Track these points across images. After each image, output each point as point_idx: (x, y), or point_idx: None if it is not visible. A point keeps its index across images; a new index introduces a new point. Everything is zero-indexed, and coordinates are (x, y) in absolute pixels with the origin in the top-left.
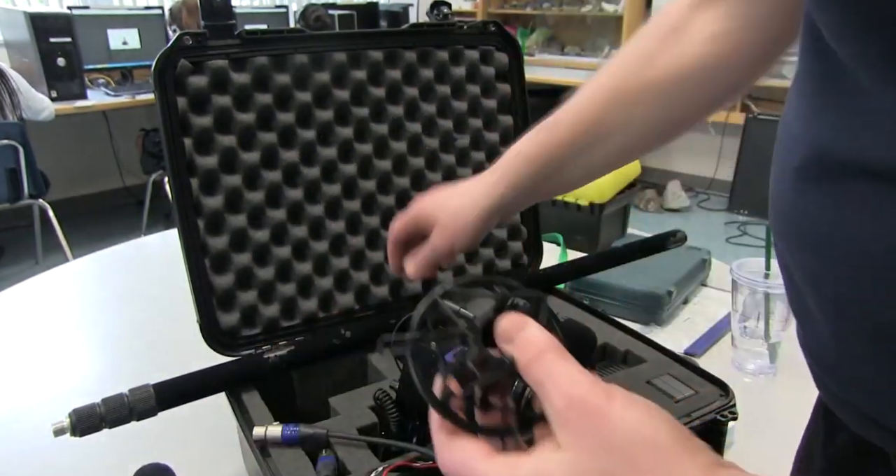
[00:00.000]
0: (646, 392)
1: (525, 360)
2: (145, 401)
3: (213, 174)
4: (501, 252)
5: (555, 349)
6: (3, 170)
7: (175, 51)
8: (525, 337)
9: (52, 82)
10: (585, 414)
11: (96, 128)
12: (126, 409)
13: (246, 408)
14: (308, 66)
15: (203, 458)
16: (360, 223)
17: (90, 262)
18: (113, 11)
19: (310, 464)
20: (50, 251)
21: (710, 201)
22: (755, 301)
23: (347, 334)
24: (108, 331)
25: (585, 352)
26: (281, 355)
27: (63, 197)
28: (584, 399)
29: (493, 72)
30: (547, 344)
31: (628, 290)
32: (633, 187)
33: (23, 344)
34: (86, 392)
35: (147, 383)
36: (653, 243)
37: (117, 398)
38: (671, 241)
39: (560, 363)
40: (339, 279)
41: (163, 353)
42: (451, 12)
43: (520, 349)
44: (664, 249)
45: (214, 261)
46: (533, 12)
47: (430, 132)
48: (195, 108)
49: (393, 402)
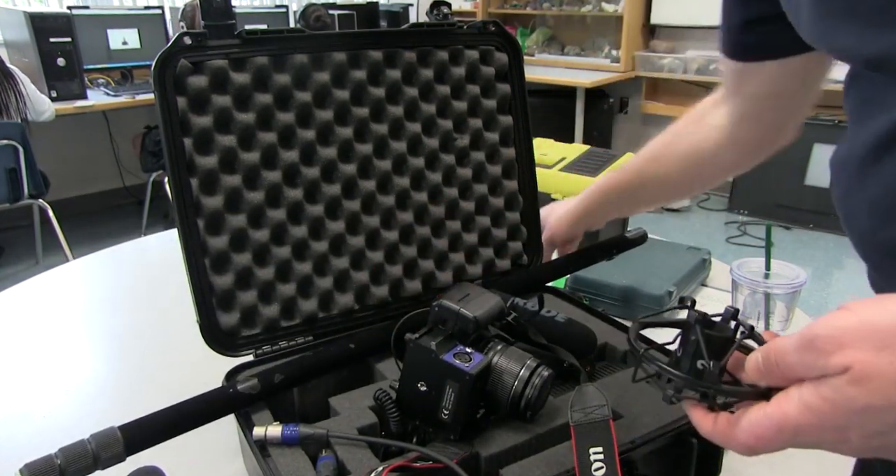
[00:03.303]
0: (646, 392)
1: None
2: (111, 446)
3: (212, 174)
4: (501, 252)
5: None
6: (3, 170)
7: (175, 51)
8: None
9: (52, 82)
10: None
11: (96, 128)
12: (89, 458)
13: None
14: (308, 66)
15: (203, 459)
16: (360, 223)
17: (90, 262)
18: (113, 11)
19: (310, 464)
20: (50, 251)
21: (710, 201)
22: (755, 301)
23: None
24: (108, 331)
25: (585, 352)
26: (253, 385)
27: (63, 197)
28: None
29: (493, 72)
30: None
31: (628, 290)
32: None
33: (23, 344)
34: (86, 392)
35: (112, 426)
36: (613, 243)
37: (78, 446)
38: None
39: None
40: (339, 279)
41: (163, 353)
42: (451, 12)
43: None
44: (625, 248)
45: (214, 261)
46: (533, 12)
47: (430, 132)
48: (195, 108)
49: (393, 402)
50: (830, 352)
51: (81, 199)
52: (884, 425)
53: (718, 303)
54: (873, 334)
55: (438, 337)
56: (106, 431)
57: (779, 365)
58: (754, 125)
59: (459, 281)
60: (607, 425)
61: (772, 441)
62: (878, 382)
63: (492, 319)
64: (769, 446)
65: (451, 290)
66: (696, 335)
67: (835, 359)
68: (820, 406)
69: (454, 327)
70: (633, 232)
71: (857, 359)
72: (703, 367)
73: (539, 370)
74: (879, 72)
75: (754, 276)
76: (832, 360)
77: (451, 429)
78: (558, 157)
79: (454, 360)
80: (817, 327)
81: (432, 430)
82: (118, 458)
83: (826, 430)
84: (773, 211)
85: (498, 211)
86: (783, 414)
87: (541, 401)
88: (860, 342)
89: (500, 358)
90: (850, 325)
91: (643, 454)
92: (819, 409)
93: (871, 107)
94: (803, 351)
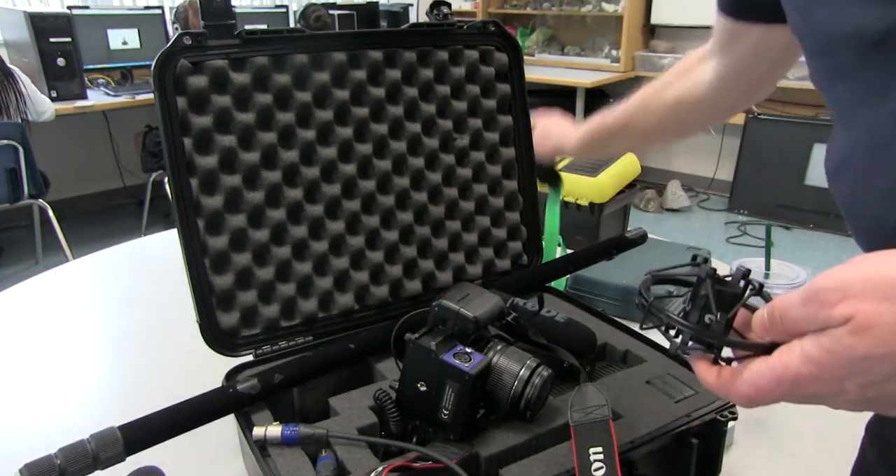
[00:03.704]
0: (646, 392)
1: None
2: (111, 446)
3: (212, 174)
4: (501, 252)
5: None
6: (3, 170)
7: (175, 51)
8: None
9: (52, 82)
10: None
11: (96, 128)
12: (89, 458)
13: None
14: (308, 66)
15: (203, 459)
16: (360, 223)
17: (90, 262)
18: (113, 11)
19: (310, 464)
20: (50, 251)
21: (710, 201)
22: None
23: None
24: (108, 331)
25: (585, 352)
26: (253, 385)
27: (63, 197)
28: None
29: (492, 72)
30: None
31: (628, 290)
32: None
33: (23, 344)
34: (86, 392)
35: (112, 426)
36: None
37: (78, 446)
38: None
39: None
40: (339, 279)
41: (163, 353)
42: (451, 12)
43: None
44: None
45: (214, 261)
46: (533, 12)
47: (430, 132)
48: (195, 108)
49: (393, 402)
50: (833, 303)
51: (81, 199)
52: (881, 375)
53: None
54: (877, 285)
55: (438, 337)
56: (106, 431)
57: (783, 320)
58: (736, 82)
59: (459, 281)
60: (607, 425)
61: (772, 392)
62: (878, 332)
63: (492, 319)
64: (769, 397)
65: (451, 290)
66: (707, 290)
67: (837, 309)
68: (820, 356)
69: (454, 327)
70: (633, 232)
71: (859, 309)
72: (711, 320)
73: (539, 370)
74: (882, 52)
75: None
76: (835, 310)
77: (450, 429)
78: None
79: (454, 360)
80: (821, 280)
81: (432, 430)
82: (118, 458)
83: (825, 381)
84: (773, 211)
85: (498, 211)
86: (784, 365)
87: (541, 401)
88: (863, 293)
89: (500, 358)
90: (854, 276)
91: (643, 454)
92: (819, 359)
93: (879, 93)
94: (807, 303)
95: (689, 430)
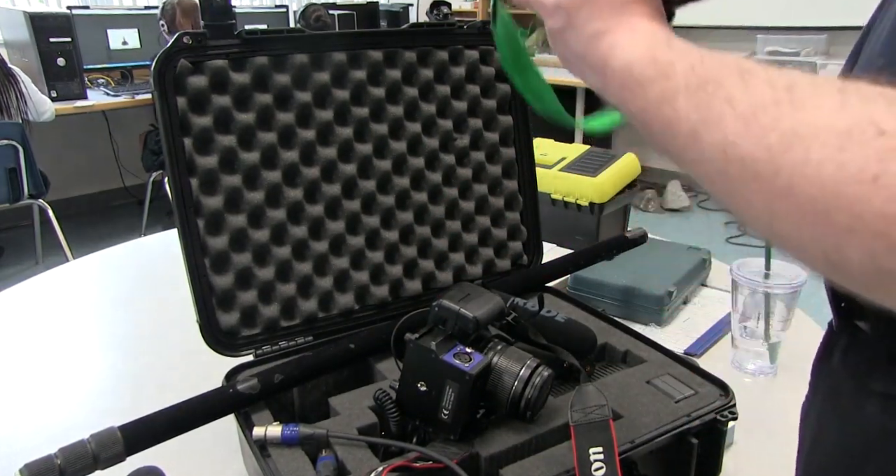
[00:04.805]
0: (646, 392)
1: None
2: (111, 446)
3: (212, 174)
4: (501, 252)
5: None
6: (3, 170)
7: (175, 51)
8: None
9: (52, 82)
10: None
11: (96, 128)
12: (89, 458)
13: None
14: (308, 66)
15: (203, 459)
16: (360, 223)
17: (90, 262)
18: (113, 11)
19: (310, 464)
20: (50, 251)
21: (710, 201)
22: (755, 301)
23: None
24: (108, 331)
25: (585, 352)
26: (253, 386)
27: (63, 197)
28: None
29: (493, 72)
30: None
31: (628, 290)
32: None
33: (23, 344)
34: (86, 392)
35: (112, 426)
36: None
37: (78, 447)
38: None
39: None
40: (339, 279)
41: (163, 353)
42: (450, 12)
43: None
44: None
45: (214, 261)
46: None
47: (430, 132)
48: (195, 108)
49: (393, 402)
50: None
51: (81, 199)
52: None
53: (718, 303)
54: None
55: (438, 337)
56: (106, 431)
57: None
58: None
59: (459, 281)
60: (607, 425)
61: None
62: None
63: (492, 319)
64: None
65: (451, 290)
66: None
67: None
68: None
69: (454, 327)
70: (633, 232)
71: None
72: None
73: (539, 370)
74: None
75: (754, 276)
76: None
77: (451, 429)
78: (558, 157)
79: (454, 360)
80: None
81: (432, 430)
82: (118, 458)
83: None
84: None
85: (498, 211)
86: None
87: (541, 401)
88: None
89: (500, 358)
90: None
91: (643, 454)
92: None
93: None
94: None
95: (689, 431)
